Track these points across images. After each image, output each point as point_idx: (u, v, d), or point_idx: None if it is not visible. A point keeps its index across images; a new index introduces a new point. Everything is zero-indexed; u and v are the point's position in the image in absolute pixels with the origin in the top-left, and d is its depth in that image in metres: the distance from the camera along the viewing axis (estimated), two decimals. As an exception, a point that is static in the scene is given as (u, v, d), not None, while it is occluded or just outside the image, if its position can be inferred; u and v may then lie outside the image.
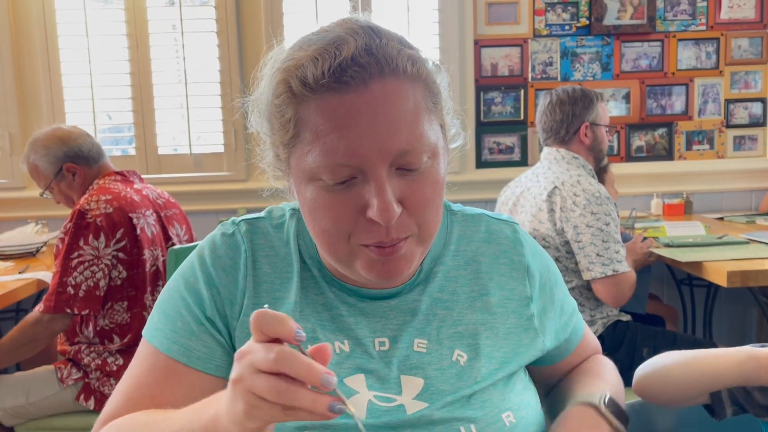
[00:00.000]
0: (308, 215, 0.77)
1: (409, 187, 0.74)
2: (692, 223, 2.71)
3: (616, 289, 2.04)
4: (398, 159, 0.72)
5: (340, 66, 0.70)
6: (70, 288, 1.94)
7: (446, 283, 0.87)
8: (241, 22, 3.16)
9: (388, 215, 0.71)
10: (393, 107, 0.72)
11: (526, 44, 3.25)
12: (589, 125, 2.23)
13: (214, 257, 0.86)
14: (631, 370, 2.29)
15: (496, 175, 3.15)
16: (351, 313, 0.84)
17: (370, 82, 0.71)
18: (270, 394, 0.58)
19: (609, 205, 2.07)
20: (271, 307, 0.79)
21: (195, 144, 3.21)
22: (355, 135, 0.71)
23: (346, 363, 0.82)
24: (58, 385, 2.04)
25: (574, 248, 2.07)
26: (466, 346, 0.84)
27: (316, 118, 0.72)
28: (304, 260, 0.86)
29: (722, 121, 3.37)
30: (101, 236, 1.97)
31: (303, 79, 0.72)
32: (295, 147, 0.75)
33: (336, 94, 0.71)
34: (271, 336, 0.59)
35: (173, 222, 2.23)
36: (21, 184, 3.17)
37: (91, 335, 2.07)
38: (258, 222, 0.89)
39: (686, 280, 3.12)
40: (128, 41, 3.12)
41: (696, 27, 3.30)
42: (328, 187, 0.73)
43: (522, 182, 2.33)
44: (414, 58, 0.75)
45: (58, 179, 2.16)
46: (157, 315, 0.87)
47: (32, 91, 3.15)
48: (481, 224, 0.92)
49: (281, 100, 0.75)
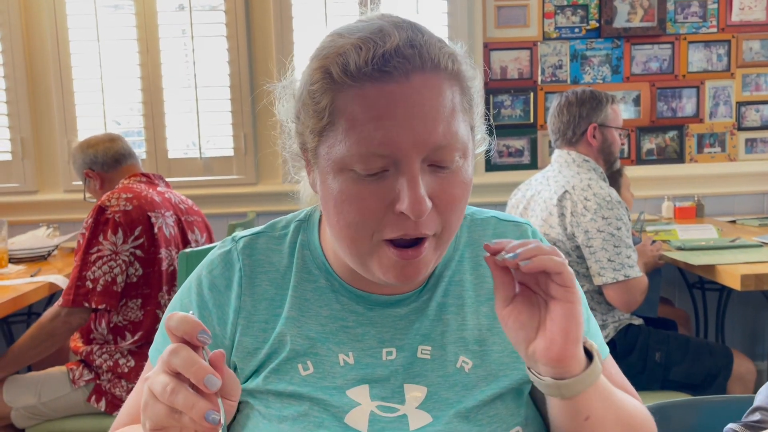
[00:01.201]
0: (333, 208, 0.75)
1: (439, 185, 0.73)
2: (704, 226, 2.69)
3: (628, 294, 2.03)
4: (432, 154, 0.72)
5: (384, 56, 0.70)
6: (88, 282, 1.98)
7: (452, 288, 0.86)
8: (250, 27, 3.17)
9: (420, 208, 0.70)
10: (432, 101, 0.71)
11: (535, 47, 3.24)
12: (597, 126, 2.21)
13: (210, 278, 0.85)
14: (643, 375, 2.28)
15: (506, 179, 3.13)
16: (359, 322, 0.83)
17: (412, 74, 0.71)
18: (158, 390, 0.60)
19: (620, 209, 2.06)
20: (267, 324, 0.82)
21: (205, 148, 3.22)
22: (392, 125, 0.70)
23: (350, 375, 0.80)
24: (70, 386, 2.05)
25: (584, 253, 2.06)
26: (471, 353, 0.82)
27: (354, 106, 0.71)
28: (310, 271, 0.85)
29: (734, 124, 3.34)
30: (119, 232, 2.02)
31: (344, 66, 0.71)
32: (327, 135, 0.74)
33: (377, 84, 0.70)
34: (179, 336, 0.62)
35: (194, 228, 2.27)
36: (33, 188, 3.19)
37: (105, 332, 2.09)
38: (258, 237, 0.88)
39: (698, 284, 3.10)
40: (139, 46, 3.14)
41: (707, 29, 3.29)
42: (358, 179, 0.72)
43: (532, 185, 2.31)
44: (454, 57, 0.75)
45: (87, 184, 2.35)
46: (159, 334, 0.88)
47: (44, 95, 3.16)
48: (489, 227, 0.90)
49: (318, 86, 0.73)
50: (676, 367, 2.10)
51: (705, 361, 2.11)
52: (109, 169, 2.28)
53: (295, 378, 0.80)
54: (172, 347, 0.61)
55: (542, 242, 0.90)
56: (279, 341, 0.81)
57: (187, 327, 0.61)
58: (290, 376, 0.80)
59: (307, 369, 0.80)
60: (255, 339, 0.82)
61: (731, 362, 2.12)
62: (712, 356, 2.12)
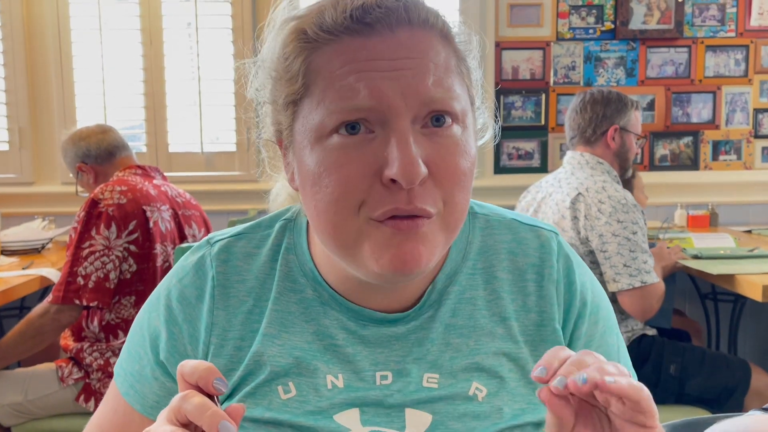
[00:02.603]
0: (311, 188, 0.64)
1: (436, 150, 0.63)
2: (720, 235, 2.61)
3: (644, 301, 1.94)
4: (425, 108, 0.62)
5: (364, 6, 0.62)
6: (80, 278, 1.91)
7: (461, 306, 0.73)
8: (256, 19, 3.10)
9: (412, 170, 0.59)
10: (422, 55, 0.63)
11: (548, 47, 3.16)
12: (618, 129, 2.13)
13: (179, 288, 0.74)
14: (657, 387, 2.19)
15: (515, 182, 3.05)
16: (349, 341, 0.71)
17: (397, 28, 0.62)
18: None
19: (636, 212, 1.98)
20: (242, 341, 0.71)
21: (207, 142, 3.15)
22: (377, 77, 0.61)
23: (338, 398, 0.70)
24: (58, 384, 1.98)
25: (599, 258, 1.98)
26: (485, 380, 0.71)
27: (332, 62, 0.62)
28: (296, 279, 0.73)
29: (750, 131, 3.26)
30: (112, 226, 1.94)
31: (320, 22, 0.63)
32: (301, 105, 0.65)
33: (357, 37, 0.62)
34: (192, 383, 0.54)
35: (191, 222, 2.19)
36: (29, 180, 3.12)
37: (97, 330, 2.02)
38: (237, 240, 0.76)
39: (710, 294, 3.02)
40: (142, 36, 3.07)
41: (725, 33, 3.20)
42: (339, 146, 0.62)
43: (543, 187, 2.23)
44: (443, 17, 0.66)
45: (79, 178, 2.25)
46: (125, 350, 0.79)
47: (43, 85, 3.09)
48: (508, 232, 0.76)
49: (291, 48, 0.65)
50: (692, 380, 2.01)
51: (722, 374, 2.02)
52: (103, 162, 2.19)
53: (273, 402, 0.70)
54: (183, 393, 0.54)
55: (573, 275, 0.76)
56: (255, 361, 0.71)
57: (202, 373, 0.54)
58: (268, 401, 0.70)
59: (289, 392, 0.70)
60: (228, 359, 0.72)
61: (749, 376, 2.03)
62: (729, 369, 2.04)
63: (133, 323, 0.79)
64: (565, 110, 3.13)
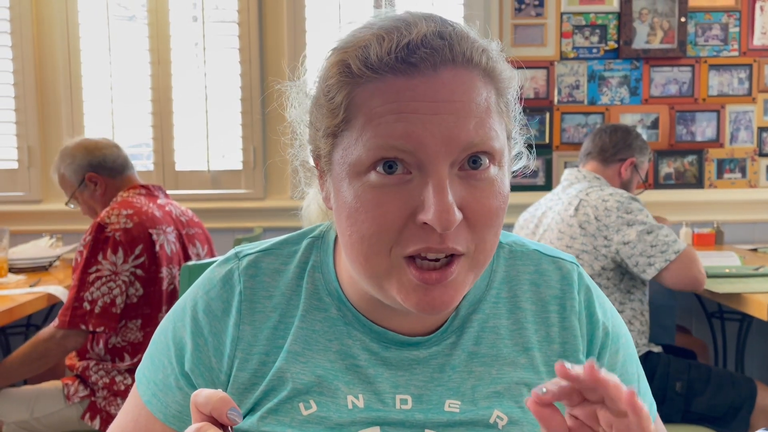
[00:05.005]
0: (346, 220, 0.65)
1: (471, 194, 0.64)
2: (726, 254, 2.60)
3: (687, 269, 1.96)
4: (463, 154, 0.62)
5: (409, 46, 0.62)
6: (86, 303, 1.90)
7: (485, 335, 0.74)
8: (263, 40, 3.13)
9: (447, 218, 0.60)
10: (464, 97, 0.63)
11: (552, 67, 3.18)
12: (634, 163, 2.24)
13: (206, 300, 0.75)
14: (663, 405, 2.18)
15: (518, 200, 3.03)
16: (371, 363, 0.72)
17: (441, 67, 0.62)
18: None
19: (636, 201, 2.05)
20: (267, 357, 0.72)
21: (213, 161, 3.17)
22: (416, 119, 0.61)
23: (359, 416, 0.71)
24: (64, 402, 1.98)
25: (624, 254, 1.99)
26: (507, 408, 0.72)
27: (373, 99, 0.63)
28: (321, 298, 0.74)
29: (755, 149, 3.26)
30: (119, 251, 1.93)
31: (365, 58, 0.63)
32: (341, 137, 0.65)
33: (400, 77, 0.62)
34: (206, 414, 0.55)
35: (195, 241, 2.19)
36: (38, 197, 3.14)
37: (102, 352, 2.02)
38: (265, 256, 0.77)
39: (717, 313, 3.00)
40: (150, 56, 3.10)
41: (728, 53, 3.22)
42: (376, 185, 0.63)
43: (542, 204, 2.30)
44: (488, 54, 0.66)
45: (81, 189, 2.17)
46: (147, 357, 0.79)
47: (53, 103, 3.13)
48: (531, 263, 0.78)
49: (334, 81, 0.65)
50: (698, 398, 2.00)
51: (728, 392, 2.01)
52: (115, 176, 2.16)
53: (295, 419, 0.71)
54: (196, 426, 0.54)
55: (594, 306, 0.77)
56: (278, 378, 0.72)
57: (216, 403, 0.54)
58: (290, 418, 0.71)
59: (309, 408, 0.71)
60: (252, 373, 0.73)
61: (755, 394, 2.02)
62: (734, 387, 2.03)
63: (156, 331, 0.80)
64: (570, 129, 3.16)
